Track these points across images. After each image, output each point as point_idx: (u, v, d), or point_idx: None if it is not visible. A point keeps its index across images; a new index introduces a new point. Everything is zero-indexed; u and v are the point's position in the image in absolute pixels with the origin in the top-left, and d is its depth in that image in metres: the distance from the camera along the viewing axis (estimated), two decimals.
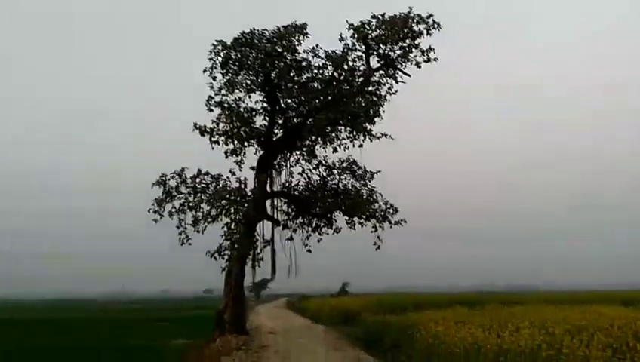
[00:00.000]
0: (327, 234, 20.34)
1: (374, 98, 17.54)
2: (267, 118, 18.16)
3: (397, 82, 18.32)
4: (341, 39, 18.05)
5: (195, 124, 16.77)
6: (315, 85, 17.49)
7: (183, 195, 16.83)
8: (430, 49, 18.56)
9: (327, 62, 17.46)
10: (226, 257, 15.04)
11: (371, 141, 19.28)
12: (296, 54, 17.00)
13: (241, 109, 17.38)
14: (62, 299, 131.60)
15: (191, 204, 16.86)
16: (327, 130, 17.59)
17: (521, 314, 14.20)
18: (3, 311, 57.87)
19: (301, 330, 21.87)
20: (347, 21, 17.85)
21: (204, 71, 16.65)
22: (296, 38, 16.46)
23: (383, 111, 18.67)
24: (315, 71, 17.64)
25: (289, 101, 17.86)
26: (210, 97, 17.24)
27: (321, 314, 30.87)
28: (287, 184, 19.56)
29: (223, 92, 17.07)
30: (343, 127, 18.45)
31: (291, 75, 17.23)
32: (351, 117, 16.93)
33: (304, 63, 17.26)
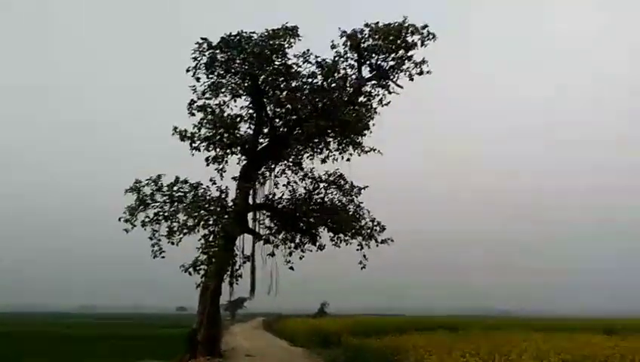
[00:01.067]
0: (311, 251, 19.34)
1: (365, 110, 16.76)
2: (252, 126, 17.20)
3: (390, 93, 17.68)
4: (333, 46, 17.42)
5: (175, 128, 15.70)
6: (305, 92, 16.64)
7: (158, 204, 15.61)
8: (424, 61, 18.11)
9: (317, 70, 16.70)
10: (201, 272, 13.80)
11: (359, 155, 18.59)
12: (286, 59, 16.18)
13: (225, 115, 16.37)
14: (23, 312, 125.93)
15: (166, 214, 15.64)
16: (316, 140, 16.65)
17: (509, 341, 13.42)
18: None
19: (279, 353, 20.68)
20: (340, 28, 17.31)
21: (187, 70, 15.65)
22: (287, 40, 15.64)
23: (373, 125, 18.02)
24: (305, 79, 16.85)
25: (276, 109, 16.94)
26: (193, 101, 16.23)
27: (300, 335, 29.84)
28: (270, 196, 18.51)
29: (207, 95, 16.08)
30: (332, 138, 17.61)
31: (280, 80, 16.37)
32: (341, 126, 16.06)
33: (293, 69, 16.43)
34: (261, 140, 17.86)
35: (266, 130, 17.90)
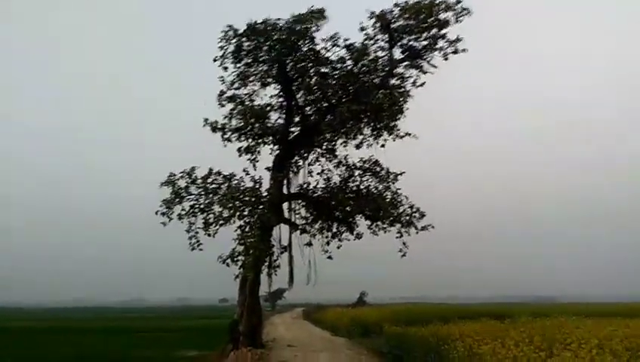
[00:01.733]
0: (348, 240, 18.94)
1: (398, 93, 16.08)
2: (283, 115, 16.88)
3: (424, 73, 16.94)
4: (362, 29, 16.82)
5: (206, 120, 15.57)
6: (335, 77, 16.14)
7: (193, 196, 15.59)
8: (458, 39, 17.26)
9: (346, 53, 16.14)
10: (239, 263, 13.69)
11: (394, 140, 17.97)
12: (314, 44, 15.71)
13: (255, 104, 16.13)
14: (76, 307, 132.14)
15: (202, 206, 15.59)
16: (349, 125, 16.13)
17: (562, 328, 12.62)
18: (14, 319, 57.96)
19: (321, 343, 20.49)
20: (368, 10, 16.68)
21: (215, 60, 15.47)
22: (314, 23, 15.14)
23: (407, 108, 17.34)
24: (334, 64, 16.33)
25: (307, 97, 16.53)
26: (222, 92, 16.06)
27: (340, 325, 29.60)
28: (305, 185, 18.20)
29: (236, 85, 15.88)
30: (365, 123, 17.04)
31: (308, 66, 15.95)
32: (374, 111, 15.46)
33: (322, 54, 15.95)
34: (292, 129, 17.57)
35: (297, 119, 17.58)
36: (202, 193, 15.52)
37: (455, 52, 17.34)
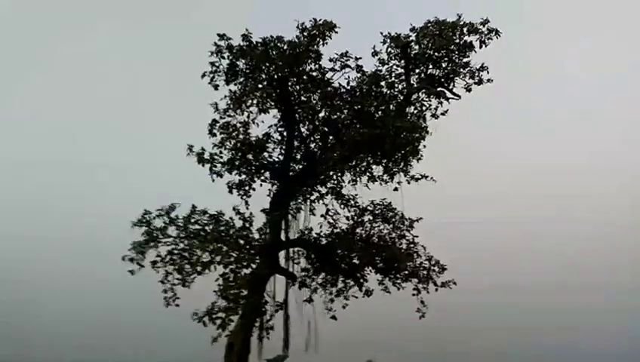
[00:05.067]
0: (356, 297, 16.13)
1: (417, 118, 13.97)
2: (283, 144, 14.71)
3: (447, 100, 14.92)
4: (375, 53, 15.03)
5: (191, 148, 13.35)
6: (344, 98, 14.12)
7: (170, 240, 13.05)
8: (482, 68, 15.44)
9: (358, 74, 14.24)
10: (218, 321, 10.90)
11: (409, 183, 15.74)
12: (318, 64, 13.84)
13: (251, 133, 14.00)
14: None
15: (184, 254, 13.02)
16: (359, 157, 13.78)
17: None
18: None
19: None
20: (382, 33, 14.97)
21: (203, 75, 13.48)
22: (321, 37, 13.30)
23: (424, 146, 15.22)
24: (343, 89, 14.40)
25: (310, 120, 14.41)
26: (215, 121, 13.99)
27: None
28: (306, 231, 15.65)
29: (230, 112, 13.82)
30: (376, 160, 14.81)
31: (314, 87, 14.00)
32: (389, 137, 13.21)
33: (329, 74, 14.05)
34: (293, 165, 15.37)
35: (299, 155, 15.43)
36: (182, 236, 13.02)
37: (479, 82, 15.51)
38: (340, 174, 13.86)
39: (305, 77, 13.79)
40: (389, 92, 14.69)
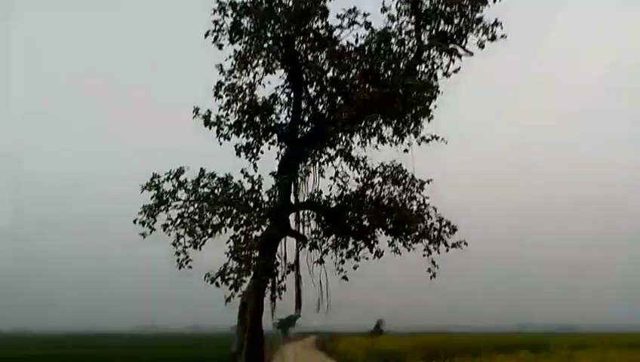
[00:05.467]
0: (367, 258, 16.21)
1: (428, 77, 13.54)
2: (290, 106, 14.45)
3: (459, 57, 14.45)
4: (384, 9, 14.48)
5: (197, 110, 13.15)
6: (353, 57, 13.71)
7: (180, 203, 13.06)
8: (496, 23, 14.86)
9: (367, 32, 13.76)
10: (231, 282, 11.05)
11: (419, 144, 15.51)
12: (325, 21, 13.35)
13: (257, 95, 13.71)
14: (86, 333, 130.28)
15: (193, 216, 13.05)
16: (369, 117, 13.49)
17: None
18: (20, 346, 56.26)
19: None
20: None
21: (207, 35, 13.12)
22: None
23: (435, 107, 14.84)
24: (352, 46, 13.95)
25: (318, 79, 14.05)
26: (220, 83, 13.70)
27: (357, 357, 26.84)
28: (315, 193, 15.57)
29: (235, 73, 13.52)
30: (386, 121, 14.50)
31: (321, 45, 13.58)
32: (399, 97, 12.84)
33: (337, 32, 13.60)
34: (301, 128, 15.13)
35: (306, 116, 15.16)
36: (192, 199, 13.01)
37: (493, 39, 14.95)
38: (349, 135, 13.61)
39: (311, 35, 13.36)
40: (398, 50, 14.24)
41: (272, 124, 14.08)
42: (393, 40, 14.05)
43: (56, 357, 35.75)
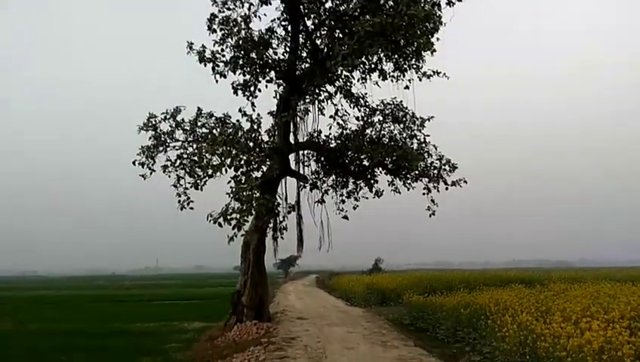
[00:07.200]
0: (366, 198, 16.24)
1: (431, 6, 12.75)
2: (287, 40, 13.82)
3: None
4: None
5: (191, 45, 12.56)
6: None
7: (179, 144, 12.82)
8: None
9: None
10: (233, 222, 11.07)
11: (420, 80, 15.01)
12: None
13: (253, 28, 13.06)
14: (91, 275, 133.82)
15: (194, 158, 12.84)
16: (369, 50, 12.90)
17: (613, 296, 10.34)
18: (26, 287, 57.94)
19: (335, 315, 18.11)
20: None
21: None
22: None
23: (437, 39, 14.18)
24: None
25: (317, 10, 13.32)
26: (214, 15, 13.00)
27: (356, 293, 27.65)
28: (315, 133, 15.31)
29: (229, 5, 12.80)
30: (387, 54, 13.89)
31: None
32: (402, 28, 12.17)
33: None
34: (300, 64, 14.55)
35: (304, 51, 14.53)
36: (190, 140, 12.75)
37: None
38: (350, 69, 13.15)
39: None
40: None
41: (269, 60, 13.52)
42: None
43: (72, 298, 36.64)
